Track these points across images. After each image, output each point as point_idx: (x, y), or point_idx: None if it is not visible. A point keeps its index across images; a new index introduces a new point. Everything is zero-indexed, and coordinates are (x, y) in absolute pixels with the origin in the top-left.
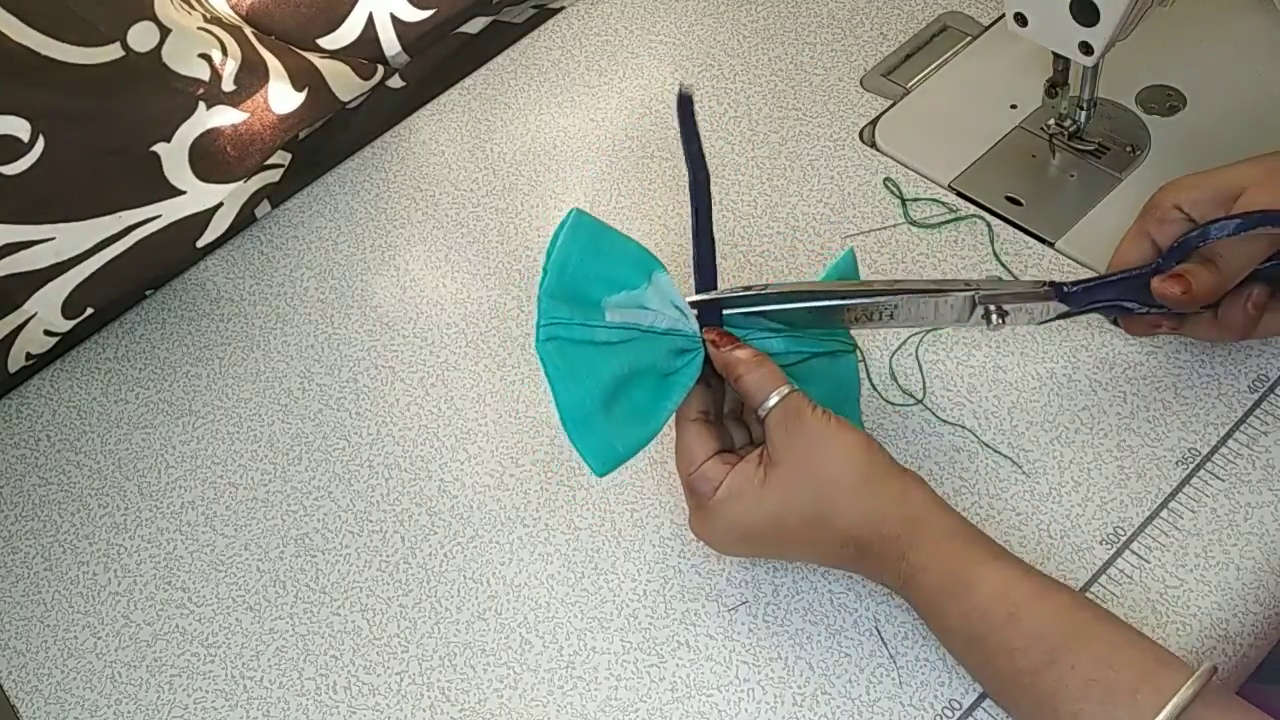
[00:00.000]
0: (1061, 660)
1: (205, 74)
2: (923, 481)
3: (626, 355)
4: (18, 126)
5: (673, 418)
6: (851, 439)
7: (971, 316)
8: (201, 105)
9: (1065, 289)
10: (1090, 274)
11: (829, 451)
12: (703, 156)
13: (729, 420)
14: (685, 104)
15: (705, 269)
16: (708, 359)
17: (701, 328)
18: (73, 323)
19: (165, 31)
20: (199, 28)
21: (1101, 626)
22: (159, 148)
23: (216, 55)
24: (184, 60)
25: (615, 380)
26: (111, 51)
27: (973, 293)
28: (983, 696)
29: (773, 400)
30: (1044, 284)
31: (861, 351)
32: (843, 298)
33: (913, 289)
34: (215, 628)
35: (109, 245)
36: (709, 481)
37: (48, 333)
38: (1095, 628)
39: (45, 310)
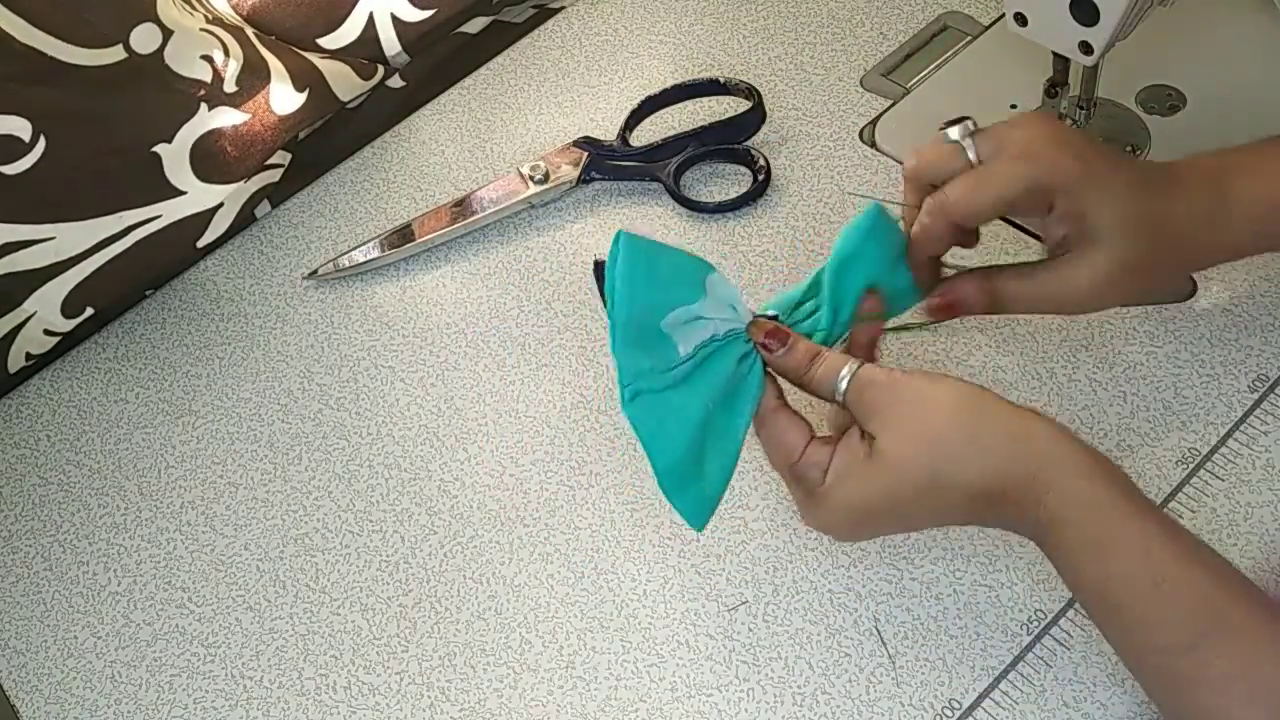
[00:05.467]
0: (1202, 648)
1: (207, 75)
2: (1046, 417)
3: (703, 383)
4: (19, 126)
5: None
6: (945, 388)
7: None
8: (203, 106)
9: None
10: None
11: (925, 408)
12: None
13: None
14: (602, 272)
15: None
16: None
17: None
18: (73, 322)
19: (168, 33)
20: (201, 29)
21: (1254, 610)
22: (160, 148)
23: (218, 56)
24: (186, 61)
25: (701, 418)
26: (114, 53)
27: None
28: (982, 696)
29: (843, 383)
30: None
31: None
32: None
33: None
34: (215, 628)
35: (109, 245)
36: (816, 467)
37: (48, 332)
38: (1246, 610)
39: (45, 309)
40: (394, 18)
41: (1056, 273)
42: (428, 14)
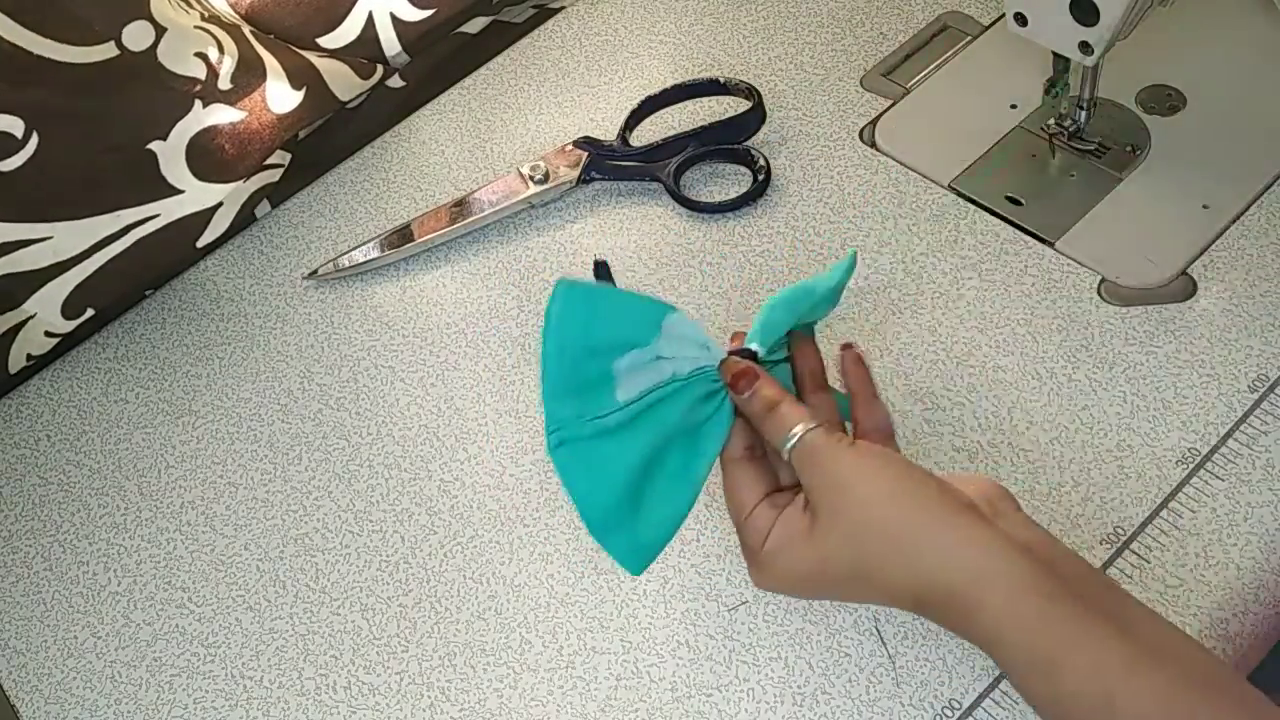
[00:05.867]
0: None
1: (201, 72)
2: (989, 513)
3: (648, 427)
4: (10, 124)
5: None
6: (886, 476)
7: None
8: (198, 103)
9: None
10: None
11: (859, 494)
12: None
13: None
14: (602, 271)
15: None
16: None
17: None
18: (73, 323)
19: (161, 30)
20: (196, 26)
21: (1219, 705)
22: (155, 146)
23: (213, 54)
24: (180, 59)
25: (639, 465)
26: (106, 50)
27: None
28: (982, 696)
29: (788, 445)
30: None
31: None
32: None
33: None
34: (215, 628)
35: (108, 245)
36: (758, 532)
37: (48, 333)
38: (1209, 707)
39: (45, 311)
40: (394, 17)
41: None
42: (428, 14)
